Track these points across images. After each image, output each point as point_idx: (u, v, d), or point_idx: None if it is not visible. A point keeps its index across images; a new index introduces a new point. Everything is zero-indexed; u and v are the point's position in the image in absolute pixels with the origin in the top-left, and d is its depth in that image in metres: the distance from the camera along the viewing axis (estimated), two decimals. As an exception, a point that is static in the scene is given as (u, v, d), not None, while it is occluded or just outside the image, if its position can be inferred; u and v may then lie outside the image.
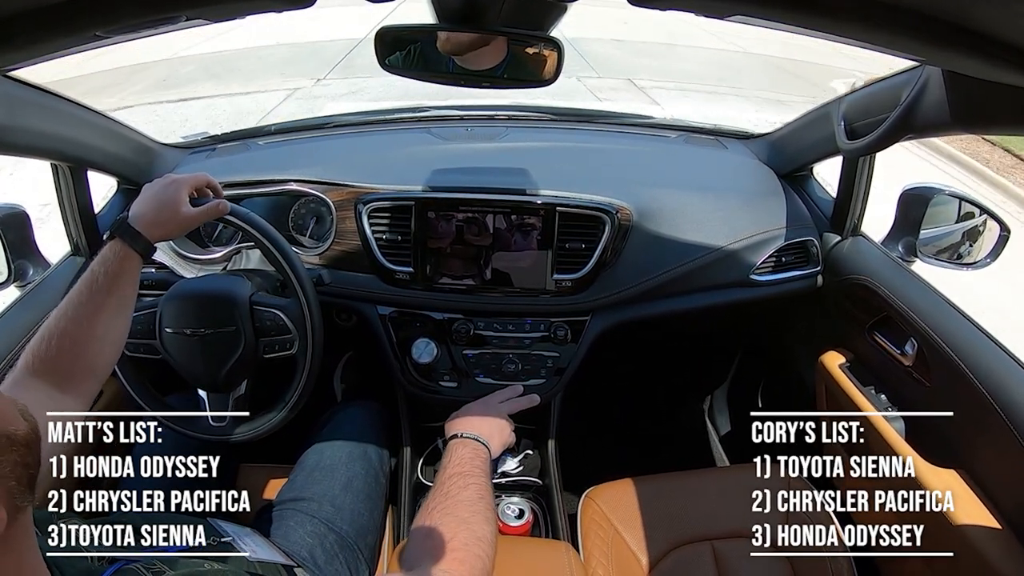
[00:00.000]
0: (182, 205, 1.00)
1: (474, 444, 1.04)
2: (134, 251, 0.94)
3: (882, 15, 0.49)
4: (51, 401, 0.80)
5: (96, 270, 0.91)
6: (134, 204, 1.00)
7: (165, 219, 0.98)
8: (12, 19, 0.45)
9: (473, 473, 0.97)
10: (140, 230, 0.95)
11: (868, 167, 1.35)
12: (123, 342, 0.95)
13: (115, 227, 0.95)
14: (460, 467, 0.98)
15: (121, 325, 0.94)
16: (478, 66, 0.99)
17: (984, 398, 1.00)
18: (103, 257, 0.92)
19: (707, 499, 1.30)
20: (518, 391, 1.27)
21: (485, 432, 1.08)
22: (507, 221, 1.33)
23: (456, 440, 1.06)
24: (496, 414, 1.16)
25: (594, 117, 1.84)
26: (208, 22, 0.61)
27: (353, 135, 1.69)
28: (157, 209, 0.98)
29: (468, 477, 0.95)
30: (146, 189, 1.02)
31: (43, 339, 0.84)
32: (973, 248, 1.31)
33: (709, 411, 2.09)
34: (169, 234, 1.01)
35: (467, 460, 1.00)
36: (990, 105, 0.75)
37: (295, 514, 1.12)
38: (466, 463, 0.99)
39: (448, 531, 0.82)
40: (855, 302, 1.37)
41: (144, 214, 0.97)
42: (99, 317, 0.88)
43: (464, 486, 0.92)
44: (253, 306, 1.15)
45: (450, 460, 1.00)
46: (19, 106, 1.07)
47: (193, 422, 1.18)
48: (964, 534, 1.00)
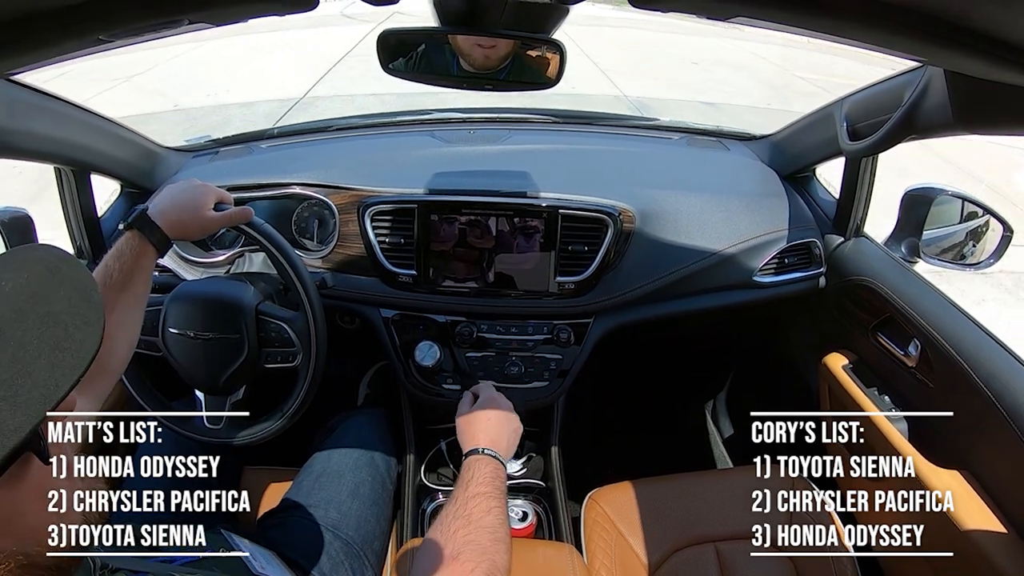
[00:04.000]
0: (206, 209, 1.00)
1: (495, 464, 0.98)
2: (151, 245, 0.93)
3: (884, 15, 0.49)
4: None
5: (111, 264, 0.89)
6: (155, 199, 0.98)
7: (188, 219, 0.98)
8: (16, 23, 0.45)
9: (495, 495, 0.92)
10: (160, 224, 0.94)
11: (871, 168, 1.35)
12: (136, 339, 0.93)
13: (134, 219, 0.93)
14: (482, 486, 0.92)
15: (135, 322, 0.92)
16: (482, 68, 0.99)
17: (987, 399, 1.00)
18: (118, 251, 0.91)
19: (710, 501, 1.30)
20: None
21: (503, 447, 1.03)
22: (510, 224, 1.33)
23: (476, 457, 0.99)
24: (511, 422, 1.10)
25: (596, 120, 1.85)
26: (211, 25, 0.61)
27: (356, 138, 1.69)
28: (181, 207, 0.98)
29: (491, 499, 0.90)
30: (170, 187, 1.01)
31: None
32: (976, 249, 1.31)
33: (712, 413, 2.09)
34: (188, 235, 1.00)
35: (488, 480, 0.94)
36: (993, 105, 0.75)
37: (300, 521, 1.12)
38: (488, 483, 0.93)
39: (471, 561, 0.79)
40: (858, 303, 1.36)
41: (166, 210, 0.96)
42: (112, 314, 0.86)
43: (487, 510, 0.88)
44: (259, 316, 1.15)
45: (472, 477, 0.94)
46: (23, 110, 1.07)
47: (188, 422, 1.18)
48: (966, 534, 1.00)
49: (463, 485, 0.93)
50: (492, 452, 1.00)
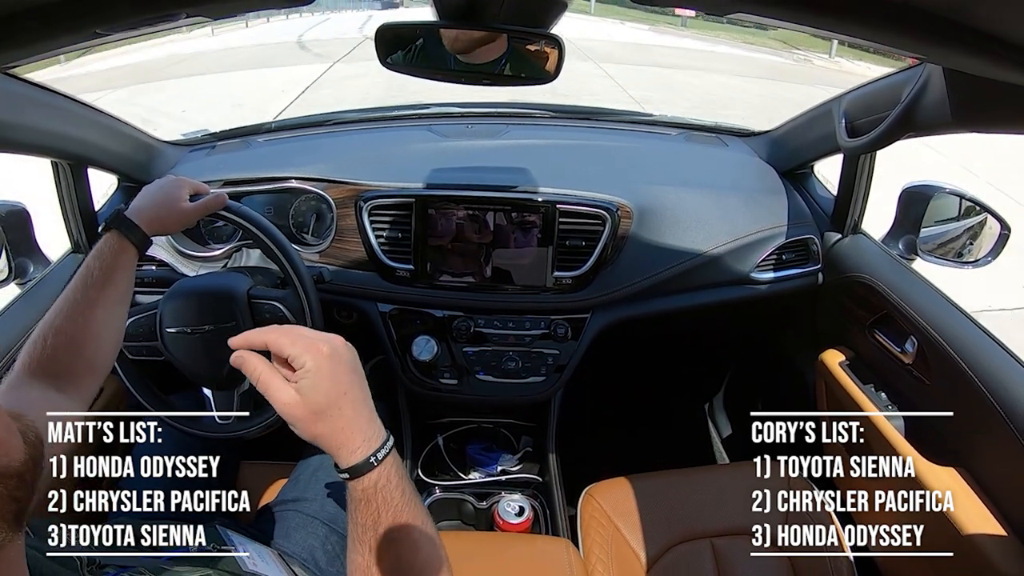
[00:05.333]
0: (181, 201, 1.01)
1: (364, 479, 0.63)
2: (130, 243, 0.93)
3: (883, 12, 0.49)
4: (49, 402, 0.78)
5: (91, 264, 0.89)
6: (134, 200, 0.99)
7: (164, 213, 0.98)
8: (12, 16, 0.45)
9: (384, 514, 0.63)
10: (137, 223, 0.94)
11: (869, 165, 1.35)
12: (121, 337, 0.93)
13: (111, 219, 0.94)
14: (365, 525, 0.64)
15: (118, 319, 0.91)
16: (480, 62, 0.98)
17: (984, 397, 1.00)
18: (98, 251, 0.91)
19: (707, 497, 1.30)
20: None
21: (360, 429, 0.64)
22: (507, 218, 1.33)
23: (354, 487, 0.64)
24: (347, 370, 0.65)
25: (595, 115, 1.84)
26: (208, 19, 0.61)
27: (353, 132, 1.69)
28: (156, 203, 0.98)
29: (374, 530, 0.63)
30: (147, 186, 1.02)
31: (38, 339, 0.82)
32: (973, 246, 1.31)
33: (709, 408, 2.09)
34: (167, 228, 1.00)
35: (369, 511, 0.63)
36: (991, 103, 0.75)
37: (297, 515, 1.12)
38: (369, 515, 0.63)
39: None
40: (855, 300, 1.37)
41: (142, 208, 0.97)
42: (94, 312, 0.86)
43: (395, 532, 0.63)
44: (251, 300, 1.15)
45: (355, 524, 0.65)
46: (20, 103, 1.07)
47: (198, 421, 1.18)
48: (964, 534, 1.00)
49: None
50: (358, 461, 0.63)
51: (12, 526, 0.42)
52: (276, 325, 0.62)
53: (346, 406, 0.62)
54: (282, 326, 0.63)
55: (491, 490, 1.52)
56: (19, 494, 0.43)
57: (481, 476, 1.56)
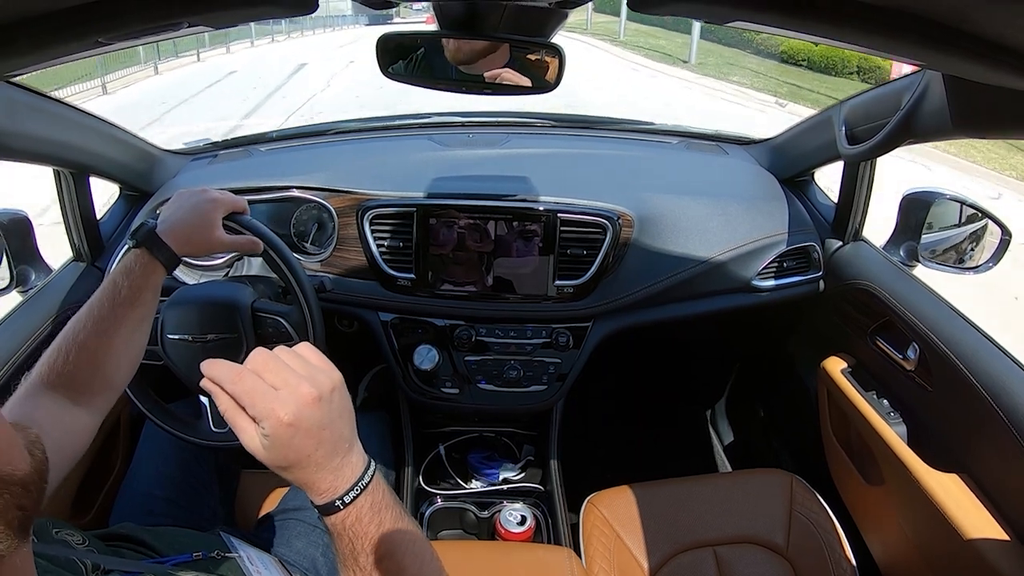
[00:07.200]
0: (216, 228, 0.98)
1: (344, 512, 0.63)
2: (159, 263, 0.90)
3: (882, 19, 0.49)
4: (65, 414, 0.77)
5: (119, 282, 0.86)
6: (164, 211, 0.96)
7: (197, 239, 0.95)
8: (15, 25, 0.45)
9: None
10: (168, 242, 0.91)
11: (869, 172, 1.36)
12: (141, 356, 0.91)
13: (142, 237, 0.91)
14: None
15: (141, 339, 0.89)
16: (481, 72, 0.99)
17: (986, 402, 1.00)
18: (126, 268, 0.88)
19: (709, 505, 1.30)
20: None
21: (324, 479, 0.63)
22: (508, 228, 1.33)
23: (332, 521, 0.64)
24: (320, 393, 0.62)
25: (595, 123, 1.85)
26: (210, 29, 0.61)
27: (355, 142, 1.70)
28: (190, 226, 0.95)
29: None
30: (180, 199, 0.98)
31: (60, 351, 0.79)
32: (974, 252, 1.31)
33: (711, 416, 2.09)
34: (197, 253, 0.97)
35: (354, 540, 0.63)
36: (991, 109, 0.75)
37: (297, 523, 1.12)
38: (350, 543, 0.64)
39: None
40: (857, 307, 1.36)
41: (175, 227, 0.93)
42: (120, 331, 0.84)
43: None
44: (255, 312, 1.15)
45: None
46: (22, 111, 1.07)
47: (194, 429, 1.17)
48: (967, 539, 1.00)
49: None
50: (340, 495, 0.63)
51: (18, 534, 0.42)
52: (247, 371, 0.61)
53: (309, 464, 0.62)
54: (252, 372, 0.60)
55: (493, 499, 1.52)
56: (24, 503, 0.42)
57: (483, 485, 1.55)
